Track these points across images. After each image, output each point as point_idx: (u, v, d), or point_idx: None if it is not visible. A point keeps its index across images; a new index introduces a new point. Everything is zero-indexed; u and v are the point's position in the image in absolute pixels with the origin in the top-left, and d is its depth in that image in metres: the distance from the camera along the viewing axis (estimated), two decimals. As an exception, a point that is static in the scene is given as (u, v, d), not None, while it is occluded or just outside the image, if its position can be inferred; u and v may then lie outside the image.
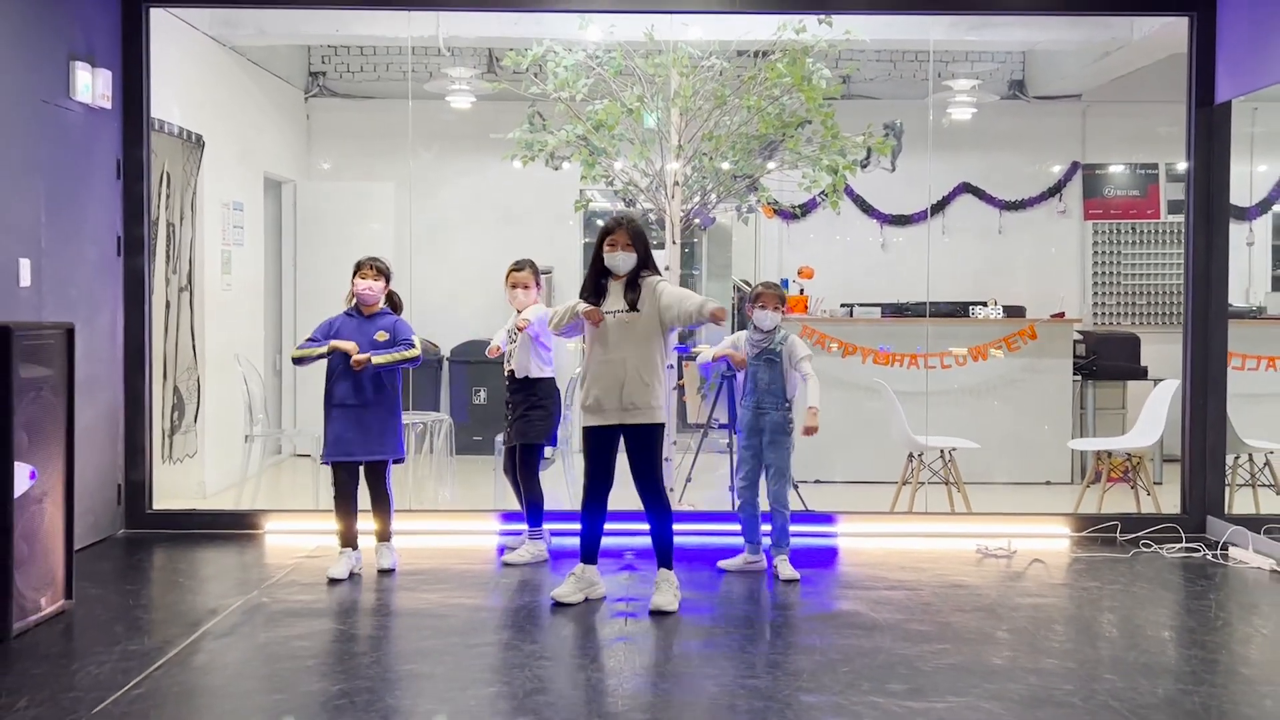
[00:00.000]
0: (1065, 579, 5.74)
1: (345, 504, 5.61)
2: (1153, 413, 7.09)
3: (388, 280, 5.64)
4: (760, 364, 5.69)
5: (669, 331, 5.17)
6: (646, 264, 5.11)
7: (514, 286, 5.99)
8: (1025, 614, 5.04)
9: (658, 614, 4.94)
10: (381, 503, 5.69)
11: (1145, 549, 6.22)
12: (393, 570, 5.64)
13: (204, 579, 5.71)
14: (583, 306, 5.13)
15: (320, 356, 5.57)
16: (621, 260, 5.07)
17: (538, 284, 6.02)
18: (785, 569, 5.63)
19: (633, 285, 5.08)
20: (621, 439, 5.12)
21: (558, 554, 5.97)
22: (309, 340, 5.64)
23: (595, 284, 5.14)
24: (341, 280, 5.76)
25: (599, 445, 5.12)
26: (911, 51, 9.60)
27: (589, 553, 5.17)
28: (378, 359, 5.51)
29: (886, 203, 9.81)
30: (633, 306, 5.05)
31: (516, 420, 5.93)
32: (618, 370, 5.04)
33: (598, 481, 5.14)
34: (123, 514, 6.53)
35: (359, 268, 5.59)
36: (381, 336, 5.57)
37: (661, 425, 5.13)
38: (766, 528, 5.76)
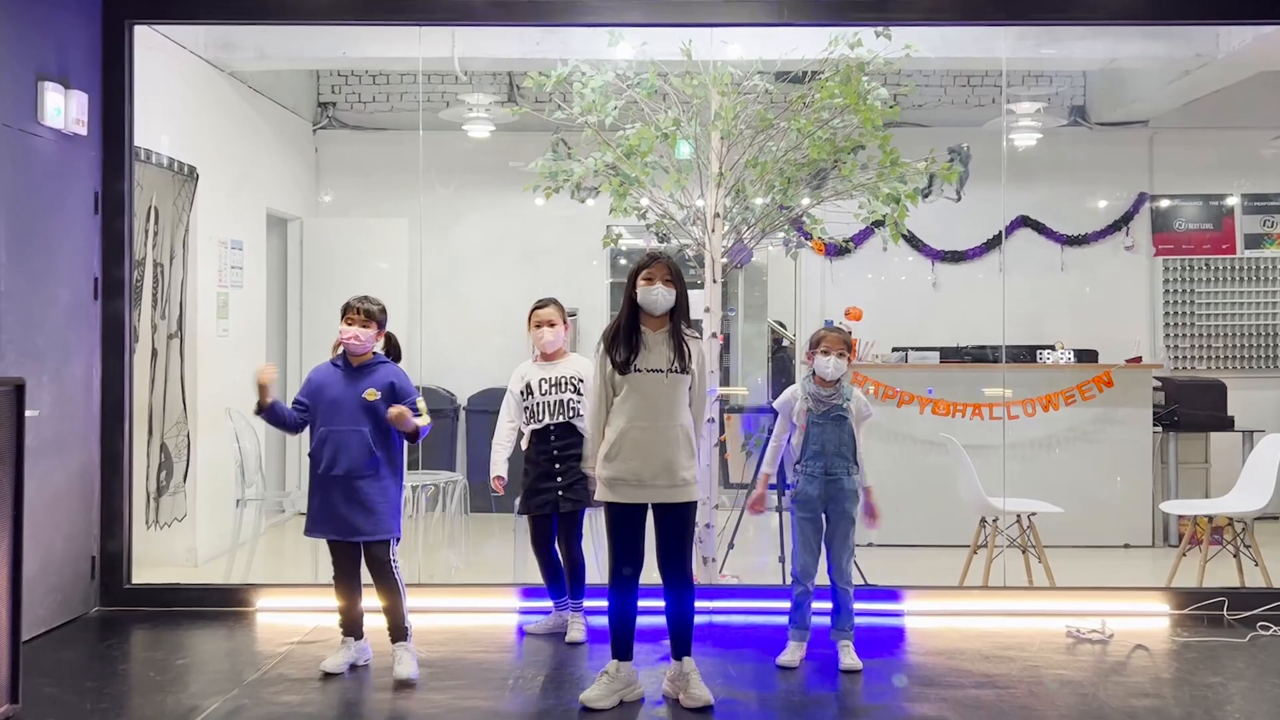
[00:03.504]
0: (1179, 671, 4.92)
1: (344, 584, 4.82)
2: (1259, 470, 6.27)
3: (380, 326, 4.74)
4: (827, 423, 4.89)
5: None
6: (684, 310, 4.41)
7: (538, 326, 5.25)
8: (1145, 721, 4.24)
9: (698, 711, 4.20)
10: (387, 591, 4.74)
11: (1263, 631, 5.41)
12: (412, 681, 4.61)
13: (180, 671, 4.93)
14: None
15: (261, 412, 4.65)
16: (660, 295, 4.33)
17: (565, 322, 5.28)
18: (848, 657, 4.86)
19: (676, 338, 4.37)
20: (650, 512, 4.39)
21: (595, 635, 5.20)
22: (294, 405, 4.79)
23: (629, 338, 4.37)
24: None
25: (631, 523, 4.37)
26: (964, 75, 8.90)
27: (623, 647, 4.40)
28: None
29: (937, 238, 9.08)
30: (684, 367, 4.36)
31: (572, 483, 5.11)
32: (663, 439, 4.30)
33: (632, 563, 4.39)
34: (97, 590, 5.80)
35: (345, 310, 4.72)
36: (371, 395, 4.64)
37: (696, 501, 4.49)
38: (822, 605, 4.98)
